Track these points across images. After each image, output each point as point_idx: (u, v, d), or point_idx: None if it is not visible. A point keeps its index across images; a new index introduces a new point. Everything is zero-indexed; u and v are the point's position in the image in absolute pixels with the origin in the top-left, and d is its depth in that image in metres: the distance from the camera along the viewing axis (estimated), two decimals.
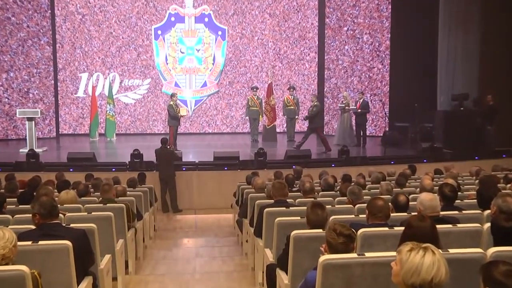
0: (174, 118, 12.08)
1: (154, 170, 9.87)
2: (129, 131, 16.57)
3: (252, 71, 16.97)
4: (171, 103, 12.17)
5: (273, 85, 14.97)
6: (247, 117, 14.79)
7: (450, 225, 3.67)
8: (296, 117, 14.59)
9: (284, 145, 13.67)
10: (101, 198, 5.71)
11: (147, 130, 16.62)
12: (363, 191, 5.62)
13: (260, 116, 14.32)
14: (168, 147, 9.71)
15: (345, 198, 5.37)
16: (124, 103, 16.55)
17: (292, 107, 14.43)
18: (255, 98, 14.30)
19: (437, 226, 3.08)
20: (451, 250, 2.89)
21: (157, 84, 16.61)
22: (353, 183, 6.62)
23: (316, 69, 17.17)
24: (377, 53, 15.81)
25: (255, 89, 14.48)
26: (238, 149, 11.52)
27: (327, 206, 4.00)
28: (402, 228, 3.11)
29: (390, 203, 4.18)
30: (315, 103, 12.26)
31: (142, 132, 16.55)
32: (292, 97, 14.51)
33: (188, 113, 12.90)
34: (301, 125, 17.10)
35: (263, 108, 14.42)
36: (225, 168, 10.10)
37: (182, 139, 13.66)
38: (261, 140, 14.27)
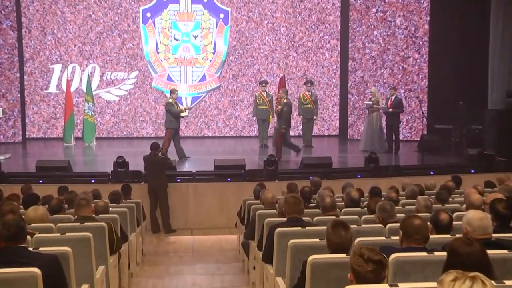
0: (175, 117, 12.15)
1: (142, 181, 9.90)
2: (111, 134, 16.66)
3: (260, 62, 17.02)
4: (171, 100, 12.21)
5: (286, 79, 15.00)
6: (254, 118, 14.82)
7: (505, 251, 3.64)
8: (315, 117, 14.61)
9: (300, 152, 13.69)
10: (76, 216, 5.73)
11: (133, 133, 16.71)
12: (396, 207, 5.60)
13: (271, 116, 14.34)
14: (160, 153, 9.73)
15: (374, 216, 5.36)
16: (106, 100, 16.66)
17: (309, 106, 14.45)
18: (264, 95, 14.33)
19: (489, 251, 3.06)
20: (508, 282, 2.84)
21: (146, 78, 16.70)
22: (383, 198, 6.59)
23: (339, 59, 17.18)
24: (413, 39, 15.79)
25: (264, 84, 14.52)
26: (243, 156, 11.51)
27: (351, 226, 3.99)
28: (444, 253, 3.09)
29: (429, 223, 4.16)
30: (285, 101, 12.32)
31: (128, 136, 16.65)
32: (310, 93, 14.53)
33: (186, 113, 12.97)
34: (320, 127, 17.11)
35: (274, 107, 14.43)
36: (228, 180, 10.11)
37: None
38: (272, 146, 14.28)
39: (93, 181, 9.80)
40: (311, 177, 8.90)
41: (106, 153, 13.58)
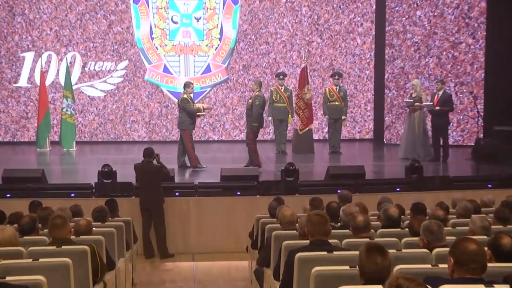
0: (191, 116, 12.21)
1: (133, 195, 9.92)
2: (96, 137, 16.76)
3: (277, 49, 17.04)
4: (185, 96, 12.25)
5: (308, 71, 14.99)
6: (270, 118, 14.80)
7: None
8: (343, 117, 14.59)
9: (325, 159, 13.62)
10: (52, 238, 5.74)
11: (122, 137, 16.79)
12: (445, 228, 5.55)
13: (290, 116, 14.32)
14: (155, 160, 9.74)
15: (417, 238, 5.33)
16: (89, 96, 16.75)
17: (336, 103, 14.43)
18: (282, 90, 14.31)
19: None
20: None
21: (138, 69, 16.78)
22: (428, 217, 6.55)
23: (373, 46, 17.16)
24: (466, 21, 15.74)
25: (281, 77, 14.50)
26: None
27: (389, 251, 3.98)
28: (506, 286, 3.06)
29: (487, 248, 4.13)
30: (257, 93, 12.44)
31: (116, 140, 16.73)
32: (337, 88, 14.51)
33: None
34: (350, 129, 17.08)
35: (294, 105, 14.42)
36: (238, 193, 10.10)
37: (174, 150, 13.72)
38: (291, 152, 14.26)
39: (72, 195, 9.81)
40: (339, 191, 8.85)
41: (89, 160, 13.60)
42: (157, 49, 16.73)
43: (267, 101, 13.48)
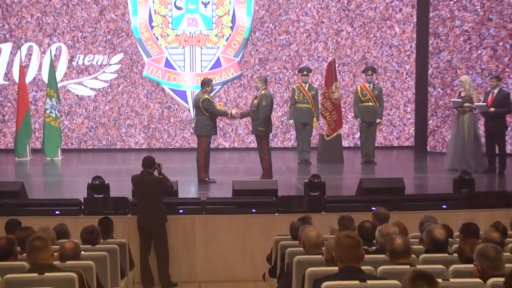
0: (213, 119, 12.22)
1: (129, 212, 9.91)
2: (85, 144, 16.83)
3: (300, 40, 17.05)
4: (206, 96, 12.24)
5: (336, 65, 14.95)
6: (291, 121, 14.79)
7: None
8: (378, 121, 14.54)
9: (356, 170, 13.59)
10: (32, 264, 5.73)
11: (116, 144, 16.84)
12: (504, 254, 5.51)
13: (315, 119, 14.30)
14: (156, 171, 9.71)
15: (470, 265, 5.30)
16: (77, 96, 16.84)
17: (370, 104, 14.40)
18: (306, 88, 14.31)
19: None
20: None
21: (135, 64, 16.85)
22: (481, 240, 6.50)
23: (414, 36, 17.11)
24: None
25: (305, 73, 14.50)
26: (275, 177, 11.51)
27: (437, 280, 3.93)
28: None
29: None
30: (263, 92, 12.31)
31: (108, 147, 16.79)
32: (371, 86, 14.48)
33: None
34: (387, 135, 17.04)
35: (320, 106, 14.39)
36: (253, 211, 10.07)
37: (177, 159, 13.78)
38: (316, 162, 14.26)
39: (57, 212, 9.80)
40: (373, 208, 8.82)
41: (77, 172, 13.64)
42: (158, 40, 16.79)
43: (288, 101, 13.44)
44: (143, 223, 9.62)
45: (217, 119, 12.81)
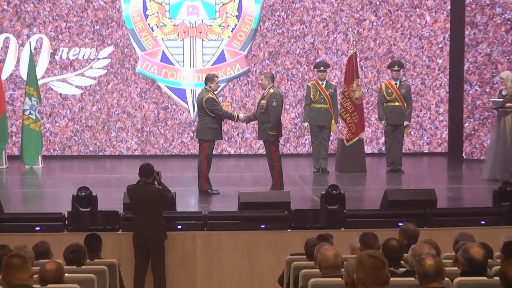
0: (218, 122, 12.23)
1: (119, 229, 9.92)
2: (69, 151, 16.86)
3: (316, 31, 17.07)
4: (210, 95, 12.24)
5: (358, 59, 14.96)
6: (306, 124, 14.79)
7: None
8: (406, 123, 14.53)
9: (381, 181, 13.61)
10: (7, 284, 5.74)
11: (106, 149, 16.87)
12: None
13: (333, 121, 14.31)
14: (154, 181, 9.67)
15: None
16: (61, 95, 16.88)
17: (397, 104, 14.40)
18: (323, 86, 14.33)
19: None
20: None
21: (127, 58, 16.89)
22: None
23: (448, 25, 17.10)
24: None
25: (322, 68, 14.50)
26: (287, 188, 11.53)
27: None
28: None
29: None
30: (271, 91, 12.26)
31: (96, 154, 16.83)
32: (398, 83, 14.47)
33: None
34: (416, 140, 17.02)
35: (339, 106, 14.41)
36: (262, 227, 10.08)
37: (175, 168, 13.83)
38: (334, 170, 14.28)
39: (37, 228, 9.82)
40: (401, 224, 8.83)
41: (60, 182, 13.66)
42: (153, 31, 16.83)
43: (303, 101, 13.43)
44: (140, 240, 9.59)
45: (222, 122, 12.81)
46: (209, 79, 12.44)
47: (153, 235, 9.55)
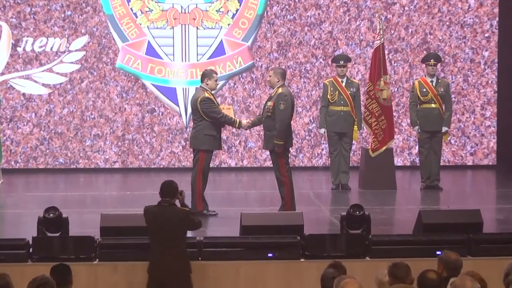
0: (217, 127, 12.23)
1: (95, 258, 9.89)
2: (34, 163, 16.89)
3: (334, 18, 17.13)
4: (207, 95, 12.24)
5: (385, 51, 14.98)
6: (323, 131, 14.80)
7: None
8: (445, 129, 14.53)
9: (414, 199, 13.64)
10: None
11: (78, 162, 16.88)
12: None
13: (355, 127, 14.31)
14: (178, 202, 9.61)
15: None
16: (25, 95, 16.92)
17: (433, 105, 14.41)
18: (343, 84, 14.33)
19: None
20: None
21: (105, 50, 16.92)
22: None
23: (496, 10, 17.11)
24: None
25: (342, 62, 14.50)
26: (300, 208, 11.50)
27: None
28: None
29: None
30: (280, 91, 12.17)
31: (67, 167, 16.86)
32: (434, 81, 14.47)
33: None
34: (458, 150, 17.05)
35: (363, 109, 14.42)
36: (270, 255, 10.08)
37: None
38: (358, 187, 14.32)
39: None
40: (439, 252, 8.84)
41: (24, 201, 13.68)
42: (137, 18, 16.88)
43: (319, 103, 13.42)
44: (157, 273, 9.52)
45: (222, 128, 12.79)
46: (206, 75, 12.43)
47: (175, 266, 9.47)
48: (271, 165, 12.95)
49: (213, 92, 12.53)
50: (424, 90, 14.40)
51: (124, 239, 10.00)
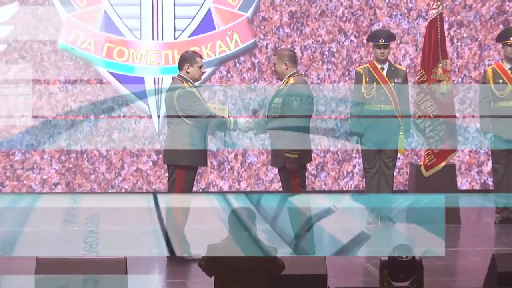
0: (200, 130, 12.26)
1: None
2: None
3: None
4: (187, 87, 12.24)
5: (444, 26, 15.07)
6: (355, 140, 14.86)
7: None
8: None
9: (485, 237, 13.76)
10: None
11: (4, 183, 17.02)
12: None
13: (401, 134, 14.37)
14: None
15: None
16: None
17: None
18: (384, 73, 14.43)
19: None
20: None
21: (41, 24, 17.03)
22: None
23: None
24: None
25: (383, 41, 14.58)
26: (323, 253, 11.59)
27: None
28: None
29: None
30: (292, 82, 12.25)
31: None
32: None
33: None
34: None
35: (413, 107, 14.52)
36: None
37: (126, 215, 14.02)
38: (405, 219, 14.33)
39: None
40: None
41: None
42: None
43: (350, 98, 13.51)
44: None
45: (208, 135, 12.80)
46: (186, 60, 12.46)
47: None
48: (281, 188, 13.04)
49: (196, 83, 12.56)
50: (501, 81, 14.46)
51: None
